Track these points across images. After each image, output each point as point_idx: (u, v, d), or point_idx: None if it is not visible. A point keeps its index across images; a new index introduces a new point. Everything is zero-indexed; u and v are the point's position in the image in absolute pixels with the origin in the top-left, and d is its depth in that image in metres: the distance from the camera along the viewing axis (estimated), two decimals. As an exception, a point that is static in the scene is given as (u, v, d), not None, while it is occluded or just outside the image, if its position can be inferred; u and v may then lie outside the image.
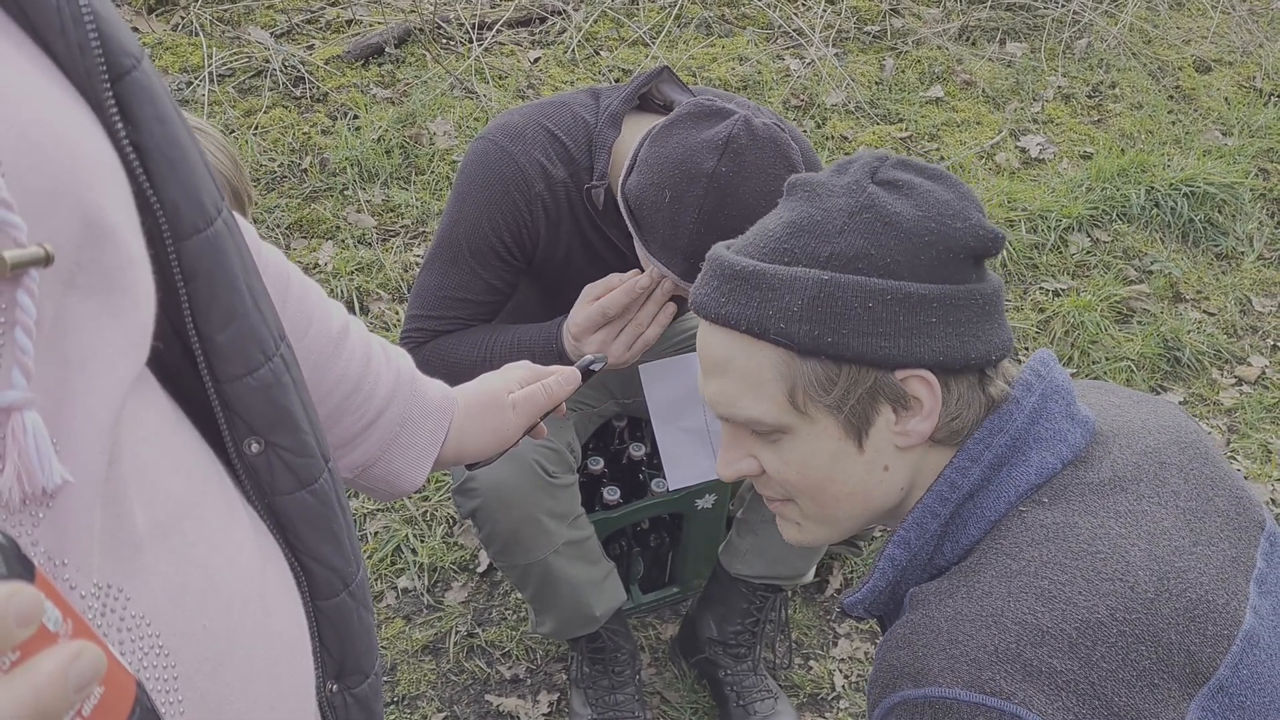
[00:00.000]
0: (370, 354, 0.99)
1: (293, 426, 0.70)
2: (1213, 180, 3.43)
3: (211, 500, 0.63)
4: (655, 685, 2.14)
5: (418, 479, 1.02)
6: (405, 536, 2.34)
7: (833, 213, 0.93)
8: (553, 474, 1.71)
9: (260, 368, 0.68)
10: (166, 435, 0.61)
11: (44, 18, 0.54)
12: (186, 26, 3.68)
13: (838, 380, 0.92)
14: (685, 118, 1.45)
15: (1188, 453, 0.99)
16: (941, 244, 0.92)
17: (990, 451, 0.94)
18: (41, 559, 0.51)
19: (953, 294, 0.92)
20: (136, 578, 0.56)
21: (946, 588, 0.91)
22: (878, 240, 0.92)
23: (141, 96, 0.59)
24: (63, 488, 0.51)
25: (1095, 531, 0.89)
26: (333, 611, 0.75)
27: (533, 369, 1.14)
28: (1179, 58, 4.23)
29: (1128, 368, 2.90)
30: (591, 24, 3.94)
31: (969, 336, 0.93)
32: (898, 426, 0.94)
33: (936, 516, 0.95)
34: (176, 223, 0.61)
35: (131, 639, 0.55)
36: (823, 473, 0.97)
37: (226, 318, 0.65)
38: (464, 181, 1.62)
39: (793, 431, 0.96)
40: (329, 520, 0.73)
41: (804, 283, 0.91)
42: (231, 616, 0.61)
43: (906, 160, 0.97)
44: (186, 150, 0.62)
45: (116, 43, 0.58)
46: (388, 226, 3.11)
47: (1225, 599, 0.88)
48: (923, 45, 4.09)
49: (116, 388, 0.54)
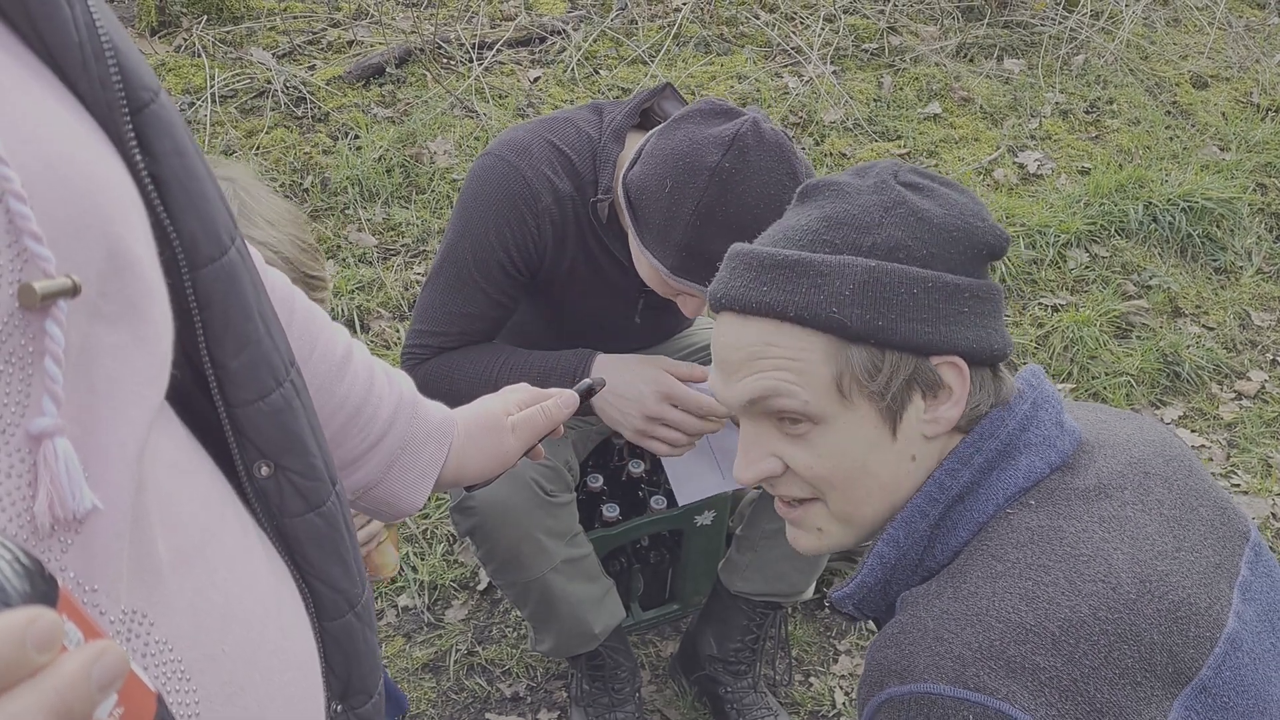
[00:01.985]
0: (373, 378, 1.00)
1: (302, 450, 0.71)
2: (1211, 195, 3.44)
3: (228, 525, 0.64)
4: (655, 703, 2.13)
5: (418, 501, 1.03)
6: (405, 554, 2.34)
7: (868, 208, 0.96)
8: (550, 492, 1.72)
9: (272, 393, 0.69)
10: (184, 463, 0.62)
11: (66, 53, 0.55)
12: (189, 48, 3.71)
13: (882, 366, 0.94)
14: (695, 114, 1.46)
15: (1172, 465, 1.01)
16: (967, 240, 0.96)
17: (980, 455, 0.96)
18: (70, 585, 0.52)
19: (978, 287, 0.97)
20: (160, 604, 0.57)
21: (934, 589, 0.93)
22: (913, 233, 0.95)
23: (160, 129, 0.61)
24: (92, 515, 0.51)
25: (1079, 535, 0.91)
26: (339, 632, 0.76)
27: (531, 391, 1.15)
28: (1176, 74, 4.25)
29: (1127, 383, 2.90)
30: (591, 43, 3.97)
31: (990, 329, 0.97)
32: (927, 414, 0.96)
33: (925, 517, 0.96)
34: (193, 252, 0.63)
35: (154, 664, 0.56)
36: (858, 463, 0.97)
37: (240, 344, 0.66)
38: (470, 197, 1.62)
39: (827, 421, 0.96)
40: (336, 542, 0.74)
41: (854, 269, 0.94)
42: (250, 640, 0.62)
43: (919, 169, 1.01)
44: (203, 181, 0.64)
45: (136, 76, 0.59)
46: (388, 245, 3.12)
47: (1208, 602, 0.90)
48: (920, 62, 4.11)
49: (143, 416, 0.55)
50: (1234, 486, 2.67)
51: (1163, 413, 2.88)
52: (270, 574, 0.68)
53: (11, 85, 0.51)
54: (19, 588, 0.40)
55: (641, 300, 1.75)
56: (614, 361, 1.62)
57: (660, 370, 1.59)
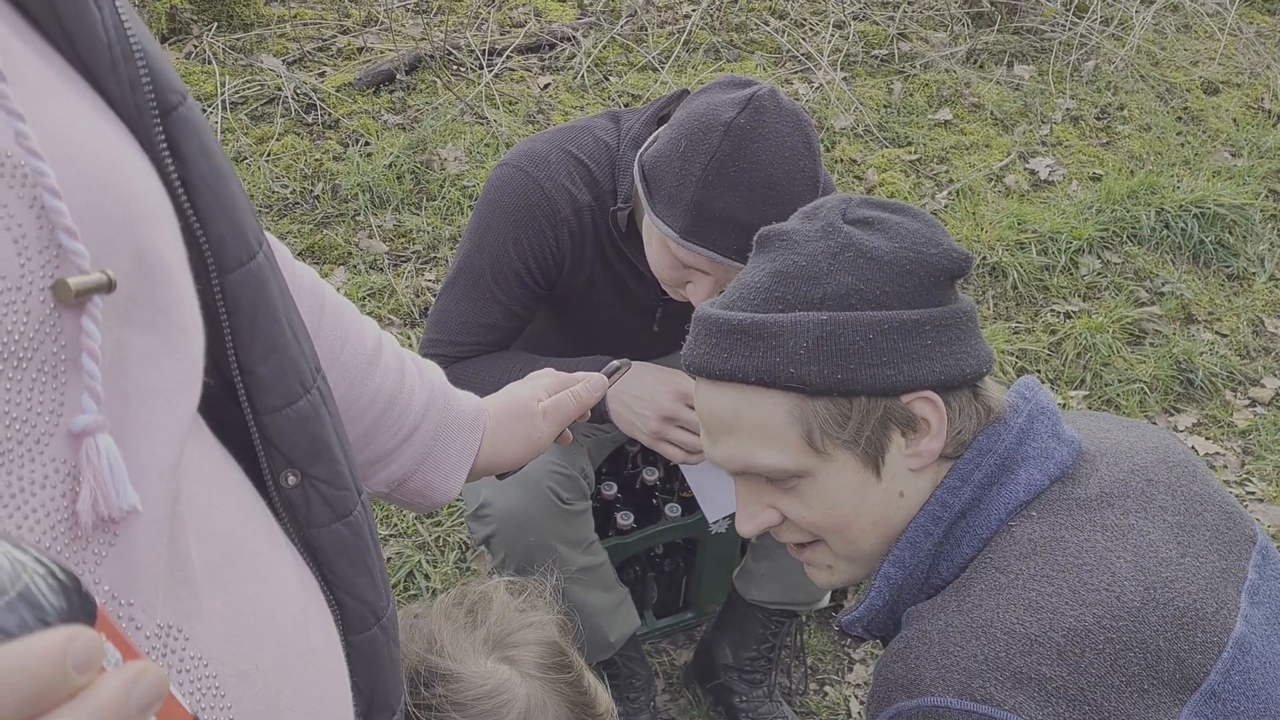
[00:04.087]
0: (404, 369, 0.99)
1: (329, 459, 0.70)
2: (1223, 201, 3.43)
3: (259, 537, 0.63)
4: (670, 711, 2.12)
5: (452, 490, 1.03)
6: (418, 562, 2.33)
7: (815, 256, 0.96)
8: (567, 500, 1.71)
9: (299, 399, 0.68)
10: (215, 474, 0.61)
11: (95, 55, 0.54)
12: (200, 55, 3.71)
13: (850, 414, 0.95)
14: (713, 85, 1.47)
15: (1175, 471, 1.01)
16: (922, 270, 0.96)
17: (980, 471, 0.97)
18: (105, 598, 0.51)
19: (940, 315, 0.96)
20: (194, 618, 0.56)
21: (939, 604, 0.94)
22: (864, 275, 0.95)
23: (188, 131, 0.60)
24: (127, 524, 0.51)
25: (1082, 545, 0.91)
26: (364, 646, 0.74)
27: (559, 377, 1.15)
28: (1187, 79, 4.24)
29: (1140, 390, 2.89)
30: (600, 50, 3.97)
31: (960, 353, 0.97)
32: (909, 450, 0.97)
33: (930, 535, 0.97)
34: (221, 256, 0.62)
35: (189, 680, 0.55)
36: (848, 508, 0.99)
37: (268, 350, 0.65)
38: (487, 208, 1.62)
39: (812, 474, 0.98)
40: (363, 553, 0.73)
41: (806, 325, 0.94)
42: (282, 654, 0.61)
43: (869, 199, 1.01)
44: (230, 183, 0.63)
45: (164, 78, 0.58)
46: (399, 252, 3.12)
47: (1215, 608, 0.90)
48: (931, 69, 4.11)
49: (178, 425, 0.54)
50: (1249, 494, 2.66)
51: (1176, 420, 2.87)
52: (300, 586, 0.67)
53: (40, 85, 0.50)
54: (56, 604, 0.39)
55: (660, 309, 1.74)
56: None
57: (675, 372, 1.59)
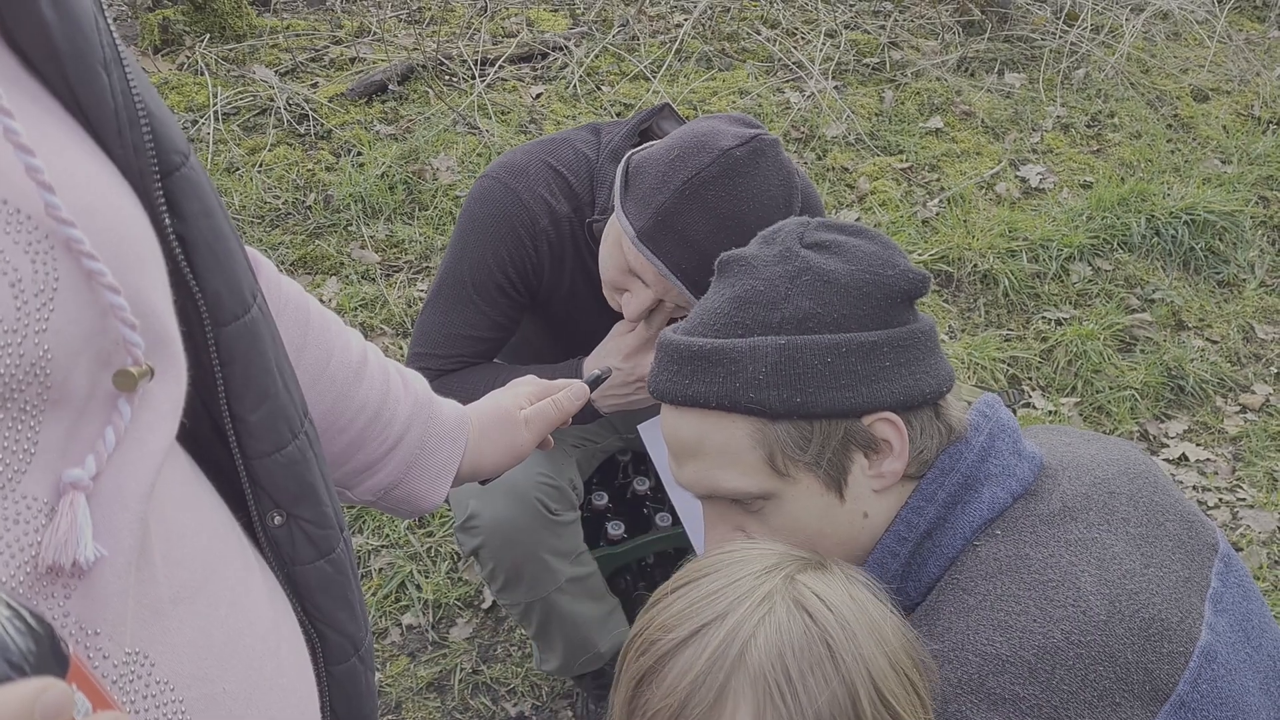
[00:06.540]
0: (388, 379, 1.01)
1: (315, 500, 0.73)
2: (1213, 208, 3.44)
3: (230, 562, 0.65)
4: (661, 721, 2.12)
5: (437, 498, 1.05)
6: (409, 573, 2.33)
7: (773, 281, 0.98)
8: (555, 511, 1.71)
9: (288, 445, 0.70)
10: (189, 498, 0.63)
11: (102, 119, 0.57)
12: (192, 66, 3.72)
13: (811, 436, 0.96)
14: (729, 117, 1.48)
15: (1136, 482, 1.01)
16: (879, 292, 0.97)
17: (944, 490, 0.97)
18: (73, 629, 0.52)
19: (898, 336, 0.97)
20: (160, 642, 0.57)
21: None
22: (821, 299, 0.96)
23: (189, 192, 0.62)
24: (97, 561, 0.53)
25: (1046, 561, 0.92)
26: (343, 676, 0.77)
27: (541, 384, 1.17)
28: (1177, 87, 4.26)
29: (1131, 397, 2.90)
30: (593, 59, 3.98)
31: (920, 373, 0.98)
32: (872, 470, 0.98)
33: (896, 556, 0.98)
34: (218, 310, 0.65)
35: (155, 705, 0.56)
36: (813, 530, 1.00)
37: (259, 399, 0.68)
38: (468, 219, 1.63)
39: (777, 496, 0.99)
40: (344, 588, 0.76)
41: (764, 350, 0.95)
42: (250, 678, 0.63)
43: (827, 221, 1.02)
44: (229, 242, 0.66)
45: (168, 141, 0.61)
46: (391, 262, 3.13)
47: (1179, 617, 0.90)
48: (922, 77, 4.12)
49: (151, 461, 0.56)
50: (1239, 501, 2.66)
51: (1167, 426, 2.87)
52: (270, 609, 0.68)
53: (43, 139, 0.53)
54: (23, 647, 0.41)
55: (643, 319, 1.74)
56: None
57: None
